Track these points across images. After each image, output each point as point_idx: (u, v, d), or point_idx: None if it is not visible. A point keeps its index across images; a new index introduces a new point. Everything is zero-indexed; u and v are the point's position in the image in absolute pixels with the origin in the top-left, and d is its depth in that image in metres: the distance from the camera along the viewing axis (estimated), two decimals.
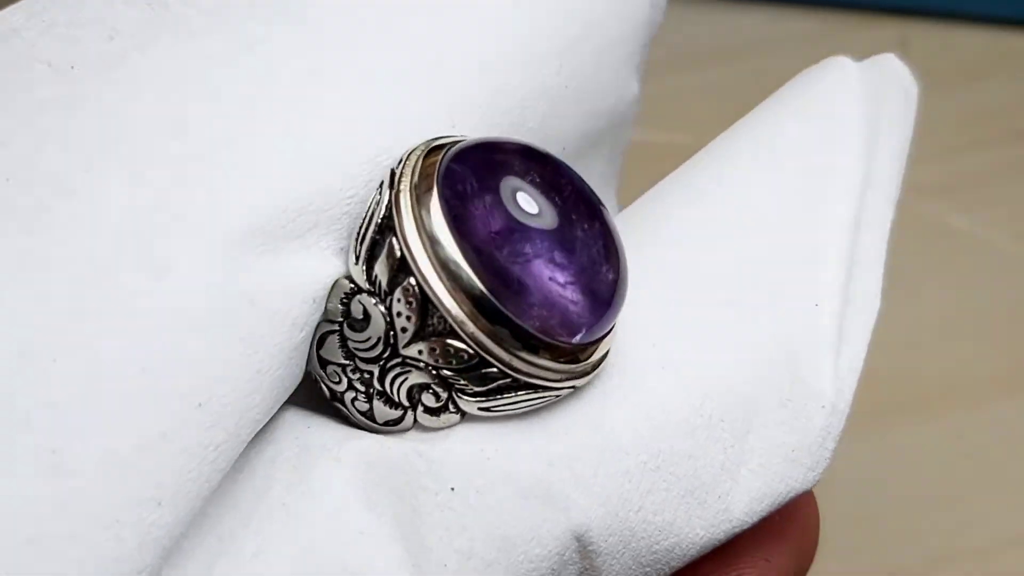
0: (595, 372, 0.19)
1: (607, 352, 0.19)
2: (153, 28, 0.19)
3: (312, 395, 0.19)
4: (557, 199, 0.19)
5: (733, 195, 0.23)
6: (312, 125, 0.18)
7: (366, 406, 0.19)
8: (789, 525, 0.22)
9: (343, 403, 0.19)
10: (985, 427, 0.32)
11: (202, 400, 0.16)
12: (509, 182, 0.18)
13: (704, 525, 0.19)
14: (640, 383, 0.19)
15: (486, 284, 0.17)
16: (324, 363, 0.19)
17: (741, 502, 0.19)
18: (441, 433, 0.19)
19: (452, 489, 0.18)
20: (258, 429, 0.18)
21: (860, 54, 0.25)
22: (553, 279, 0.18)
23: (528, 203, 0.18)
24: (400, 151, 0.19)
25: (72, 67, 0.18)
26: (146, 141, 0.18)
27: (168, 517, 0.16)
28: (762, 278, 0.21)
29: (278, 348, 0.17)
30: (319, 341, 0.18)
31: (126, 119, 0.18)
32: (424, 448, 0.18)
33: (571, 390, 0.19)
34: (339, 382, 0.19)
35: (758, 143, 0.24)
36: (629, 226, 0.22)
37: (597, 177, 0.25)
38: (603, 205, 0.19)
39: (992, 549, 0.31)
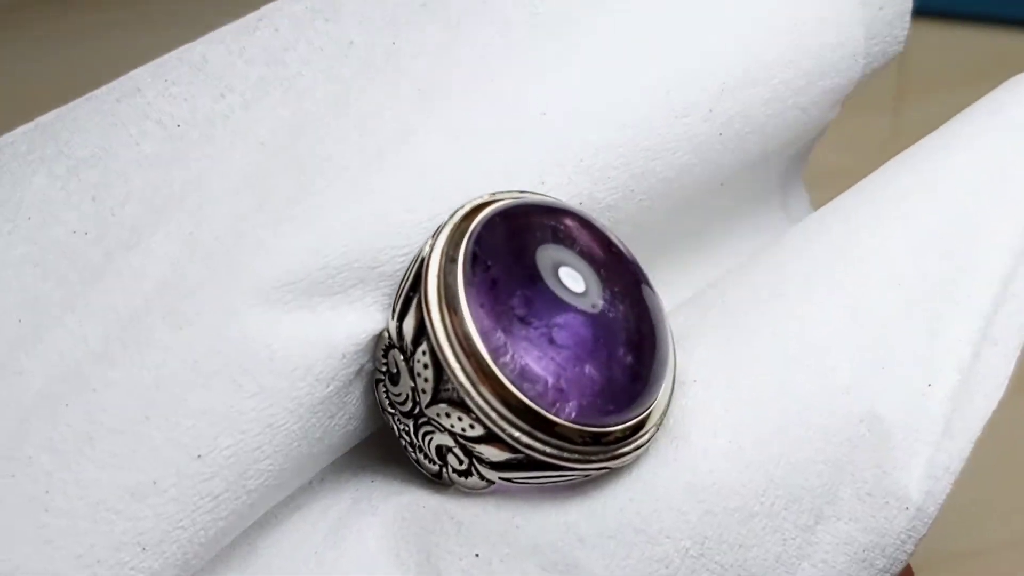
0: (634, 455, 0.18)
1: (651, 434, 0.18)
2: (264, 86, 0.20)
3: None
4: (602, 271, 0.18)
5: (869, 241, 0.20)
6: (379, 180, 0.19)
7: (414, 456, 0.19)
8: None
9: (403, 449, 0.19)
10: (989, 428, 0.29)
11: (203, 451, 0.17)
12: (548, 251, 0.18)
13: None
14: (696, 459, 0.18)
15: (494, 359, 0.17)
16: (382, 409, 0.19)
17: None
18: (478, 496, 0.19)
19: (477, 556, 0.18)
20: (272, 480, 0.18)
21: None
22: (557, 361, 0.17)
23: (573, 279, 0.17)
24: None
25: (178, 125, 0.20)
26: (216, 196, 0.19)
27: (152, 562, 0.17)
28: (873, 343, 0.19)
29: (296, 403, 0.18)
30: (376, 388, 0.19)
31: (206, 174, 0.19)
32: (457, 510, 0.18)
33: (604, 471, 0.18)
34: (394, 430, 0.19)
35: (920, 174, 0.21)
36: (741, 273, 0.21)
37: (765, 195, 0.24)
38: (646, 281, 0.18)
39: (992, 549, 0.30)
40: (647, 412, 0.18)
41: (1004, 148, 0.21)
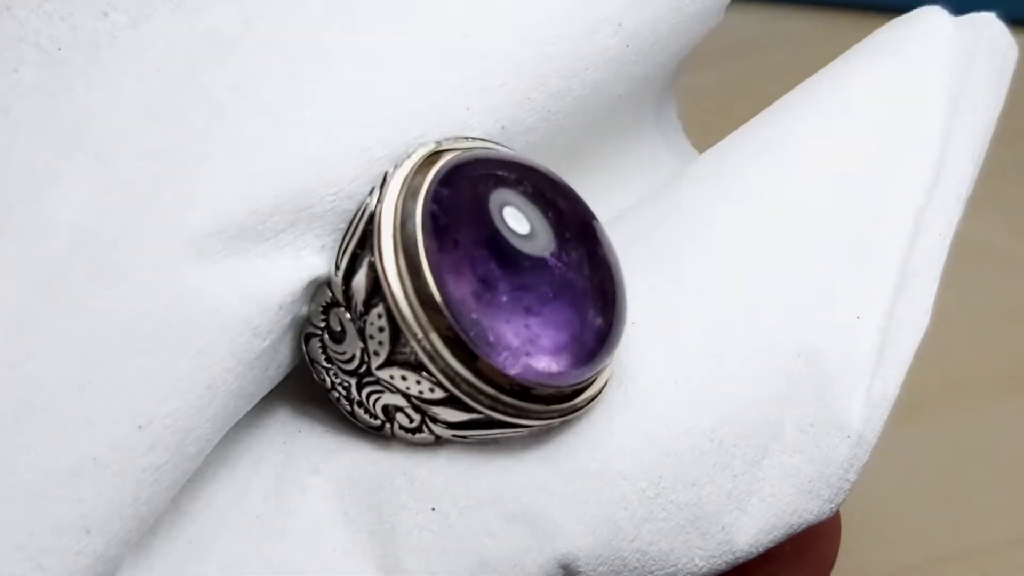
0: (589, 406, 0.18)
1: (603, 386, 0.18)
2: (151, 2, 0.18)
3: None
4: (551, 214, 0.17)
5: (783, 175, 0.21)
6: (301, 113, 0.17)
7: (348, 408, 0.18)
8: (802, 543, 0.21)
9: (331, 399, 0.18)
10: (985, 427, 0.31)
11: (142, 421, 0.16)
12: (498, 196, 0.17)
13: (704, 556, 0.18)
14: (648, 402, 0.18)
15: (460, 323, 0.16)
16: (311, 360, 0.18)
17: (747, 533, 0.18)
18: (429, 449, 0.18)
19: (433, 509, 0.17)
20: (211, 445, 0.17)
21: None
22: (530, 327, 0.17)
23: (517, 220, 0.17)
24: (398, 142, 0.17)
25: (59, 48, 0.17)
26: (120, 133, 0.17)
27: (98, 545, 0.16)
28: (800, 280, 0.19)
29: (236, 360, 0.17)
30: (305, 339, 0.18)
31: (104, 107, 0.17)
32: (408, 465, 0.18)
33: (560, 422, 0.17)
34: (324, 380, 0.18)
35: (825, 110, 0.21)
36: (660, 211, 0.21)
37: (664, 120, 0.24)
38: (595, 219, 0.18)
39: (992, 549, 0.31)
40: (604, 367, 0.18)
41: (903, 83, 0.22)
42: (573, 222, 0.18)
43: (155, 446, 0.16)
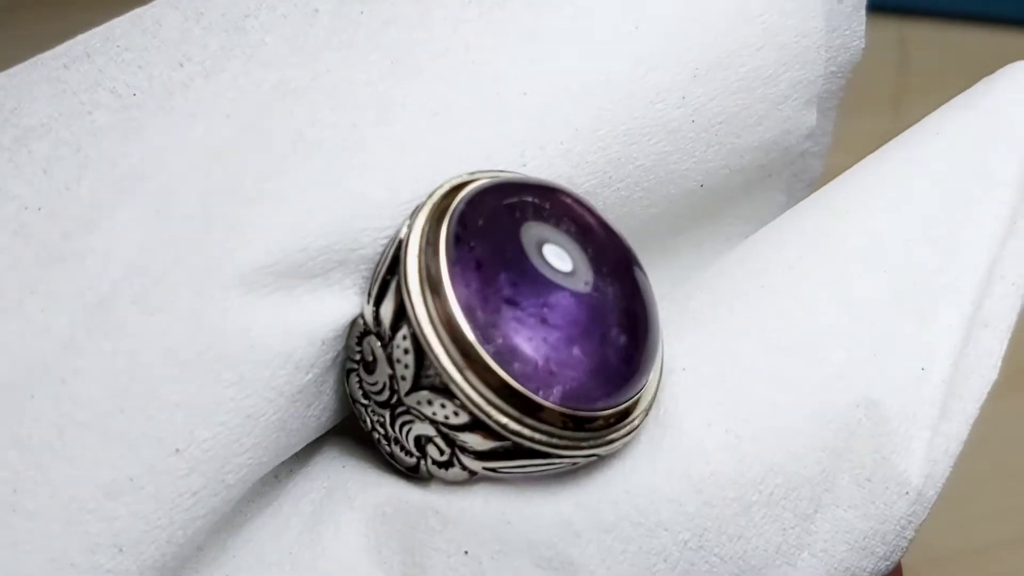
0: (622, 441, 0.17)
1: (640, 420, 0.17)
2: (225, 55, 0.18)
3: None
4: (589, 249, 0.17)
5: (853, 228, 0.20)
6: (357, 159, 0.17)
7: (388, 450, 0.18)
8: None
9: (375, 443, 0.18)
10: (985, 427, 0.30)
11: (180, 445, 0.16)
12: (533, 230, 0.17)
13: None
14: (692, 449, 0.17)
15: (483, 343, 0.16)
16: (353, 400, 0.18)
17: None
18: (463, 489, 0.17)
19: (466, 553, 0.17)
20: (252, 475, 0.17)
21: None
22: (548, 341, 0.16)
23: (559, 258, 0.17)
24: None
25: (134, 94, 0.18)
26: (181, 173, 0.17)
27: (130, 564, 0.16)
28: (864, 330, 0.19)
29: (276, 392, 0.17)
30: (347, 376, 0.18)
31: (169, 149, 0.17)
32: (443, 505, 0.17)
33: (592, 458, 0.17)
34: (365, 422, 0.18)
35: (903, 160, 0.21)
36: (725, 261, 0.20)
37: (769, 214, 0.23)
38: (637, 263, 0.18)
39: (992, 549, 0.30)
40: (637, 397, 0.17)
41: (983, 135, 0.21)
42: (611, 257, 0.17)
43: (193, 471, 0.16)
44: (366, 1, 0.19)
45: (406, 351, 0.16)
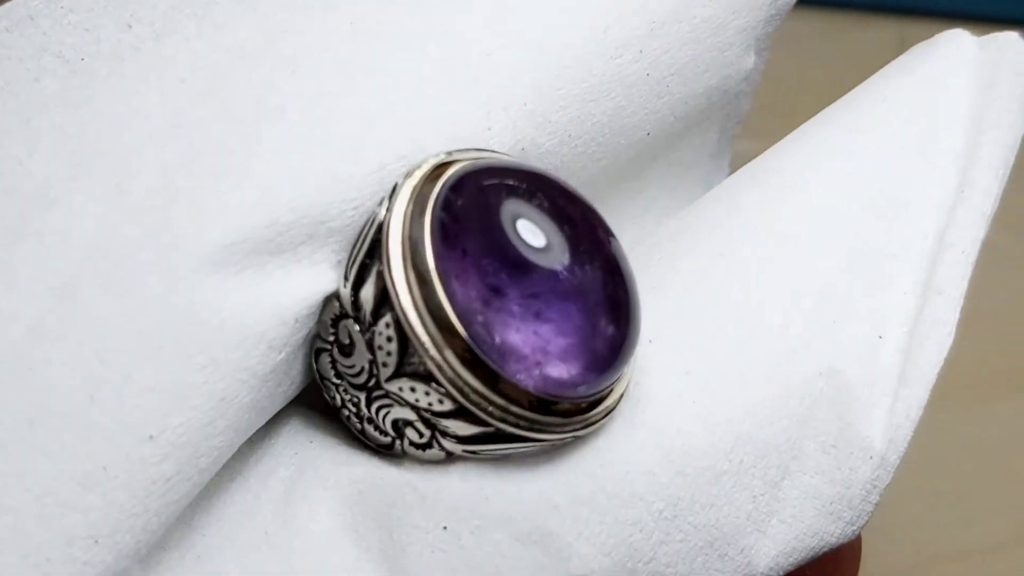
0: (601, 423, 0.17)
1: (618, 400, 0.17)
2: (176, 16, 0.18)
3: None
4: (566, 228, 0.17)
5: (804, 197, 0.20)
6: (322, 129, 0.17)
7: (359, 427, 0.18)
8: (823, 567, 0.20)
9: (342, 418, 0.18)
10: (985, 427, 0.31)
11: (153, 432, 0.16)
12: (510, 207, 0.17)
13: None
14: (663, 421, 0.18)
15: (469, 332, 0.16)
16: (321, 377, 0.18)
17: (767, 556, 0.18)
18: (440, 466, 0.17)
19: (444, 528, 0.17)
20: (224, 458, 0.17)
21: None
22: (540, 334, 0.16)
23: (533, 233, 0.17)
24: (418, 159, 0.17)
25: (83, 59, 0.17)
26: (139, 145, 0.17)
27: (106, 555, 0.15)
28: (821, 299, 0.19)
29: (248, 373, 0.16)
30: (315, 355, 0.17)
31: (124, 119, 0.17)
32: (419, 482, 0.17)
33: (572, 439, 0.17)
34: (334, 398, 0.18)
35: (847, 131, 0.21)
36: (681, 227, 0.21)
37: (704, 155, 0.24)
38: (613, 236, 0.18)
39: (992, 549, 0.31)
40: (619, 378, 0.17)
41: (924, 103, 0.22)
42: (588, 236, 0.17)
43: (166, 457, 0.16)
44: None
45: (389, 339, 0.16)
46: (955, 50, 0.22)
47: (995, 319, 0.37)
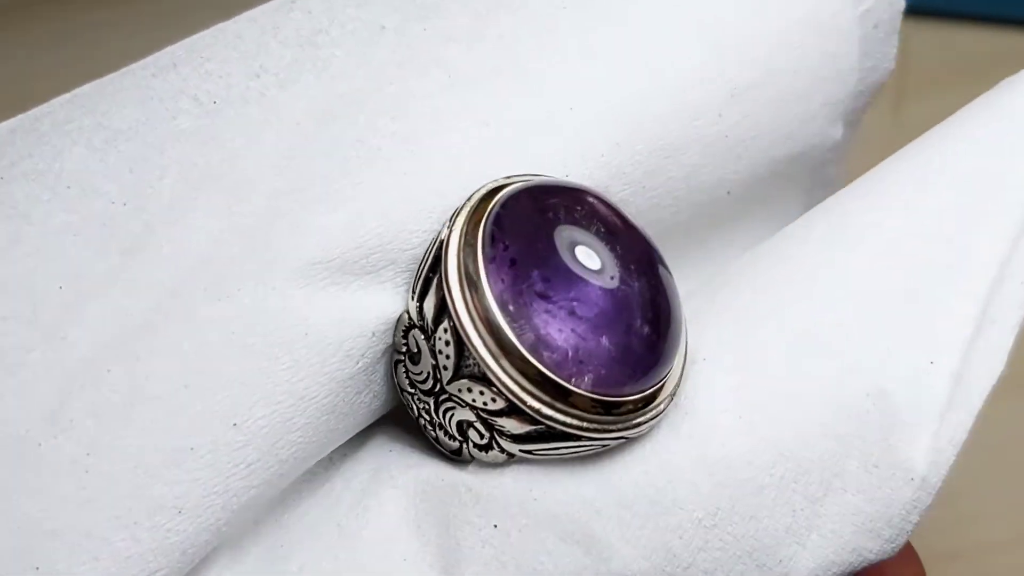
0: (649, 424, 0.18)
1: (664, 406, 0.19)
2: (297, 67, 0.20)
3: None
4: (617, 248, 0.18)
5: (870, 227, 0.21)
6: (413, 165, 0.19)
7: (433, 435, 0.19)
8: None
9: (421, 429, 0.20)
10: (985, 427, 0.29)
11: (238, 420, 0.18)
12: (565, 232, 0.18)
13: None
14: (709, 433, 0.19)
15: (516, 334, 0.17)
16: (400, 390, 0.19)
17: (804, 568, 0.19)
18: (496, 469, 0.19)
19: (495, 526, 0.18)
20: (303, 454, 0.19)
21: None
22: (578, 332, 0.18)
23: (589, 257, 0.18)
24: None
25: (215, 102, 0.20)
26: (253, 174, 0.19)
27: (187, 525, 0.17)
28: (877, 324, 0.20)
29: (327, 377, 0.18)
30: (395, 367, 0.19)
31: (242, 152, 0.19)
32: (475, 483, 0.19)
33: (621, 441, 0.18)
34: (412, 408, 0.20)
35: (921, 161, 0.22)
36: (747, 257, 0.22)
37: (791, 217, 0.24)
38: (661, 261, 0.19)
39: (992, 549, 0.30)
40: (661, 383, 0.18)
41: (1000, 137, 0.22)
42: (639, 257, 0.19)
43: (248, 444, 0.18)
44: (428, 19, 0.21)
45: (447, 343, 0.18)
46: None
47: None
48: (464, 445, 0.19)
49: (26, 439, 0.17)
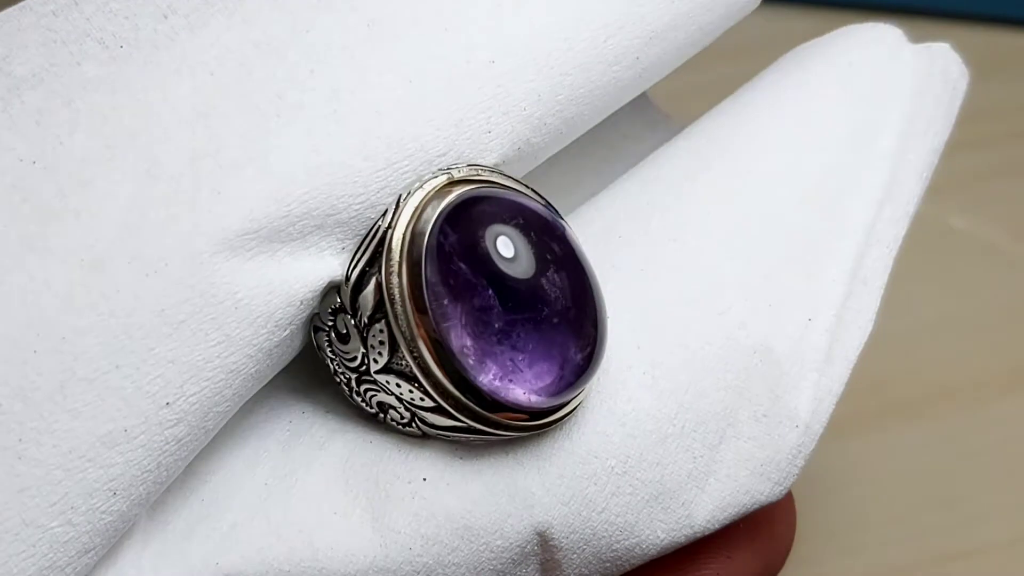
0: (566, 418, 0.19)
1: (580, 403, 0.20)
2: (209, 9, 0.19)
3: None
4: (535, 242, 0.19)
5: (749, 188, 0.23)
6: (336, 125, 0.19)
7: (349, 393, 0.20)
8: (758, 526, 0.23)
9: (336, 381, 0.20)
10: (985, 427, 0.31)
11: (170, 399, 0.18)
12: (495, 229, 0.19)
13: (666, 529, 0.20)
14: (619, 389, 0.20)
15: (453, 347, 0.18)
16: (318, 347, 0.20)
17: (705, 510, 0.20)
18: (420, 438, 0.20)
19: (424, 479, 0.19)
20: (226, 420, 0.19)
21: None
22: (516, 361, 0.18)
23: (506, 247, 0.18)
24: (423, 158, 0.19)
25: (121, 46, 0.19)
26: (169, 131, 0.18)
27: (122, 505, 0.18)
28: (760, 284, 0.21)
29: (256, 348, 0.18)
30: (313, 329, 0.20)
31: (156, 105, 0.18)
32: (403, 444, 0.20)
33: (537, 433, 0.19)
34: (328, 366, 0.20)
35: (788, 121, 0.23)
36: (637, 209, 0.23)
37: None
38: (583, 256, 0.20)
39: (992, 549, 0.31)
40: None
41: (867, 107, 0.24)
42: (559, 251, 0.19)
43: (179, 421, 0.18)
44: None
45: (382, 341, 0.18)
46: (893, 54, 0.24)
47: (995, 319, 0.37)
48: (382, 415, 0.20)
49: None
